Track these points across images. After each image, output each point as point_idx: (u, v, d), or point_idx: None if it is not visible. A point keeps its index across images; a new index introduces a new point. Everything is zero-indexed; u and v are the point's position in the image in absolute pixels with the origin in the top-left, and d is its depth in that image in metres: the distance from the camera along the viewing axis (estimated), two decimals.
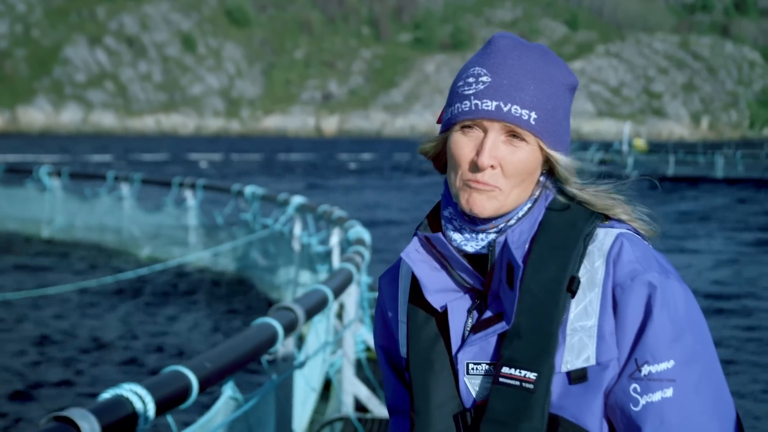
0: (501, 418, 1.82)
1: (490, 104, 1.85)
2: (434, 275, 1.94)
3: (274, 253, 15.63)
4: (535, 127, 1.86)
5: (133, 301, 15.99)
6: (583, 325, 1.83)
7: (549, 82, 1.89)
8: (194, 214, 19.09)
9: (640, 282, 1.82)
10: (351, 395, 7.27)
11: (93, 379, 11.07)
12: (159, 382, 3.17)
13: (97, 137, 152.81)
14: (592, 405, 1.82)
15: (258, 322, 4.35)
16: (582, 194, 1.93)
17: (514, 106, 1.85)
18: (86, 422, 2.59)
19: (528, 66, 1.89)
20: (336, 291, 5.74)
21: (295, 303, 4.79)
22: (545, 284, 1.84)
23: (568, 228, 1.89)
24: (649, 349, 1.80)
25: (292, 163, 74.29)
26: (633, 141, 72.92)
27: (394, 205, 37.38)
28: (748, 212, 34.38)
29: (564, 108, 1.92)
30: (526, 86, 1.86)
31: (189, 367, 3.40)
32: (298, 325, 4.67)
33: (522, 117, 1.85)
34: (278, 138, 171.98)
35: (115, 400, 2.86)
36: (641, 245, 1.88)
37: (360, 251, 7.49)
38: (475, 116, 1.87)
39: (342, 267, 6.62)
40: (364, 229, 9.29)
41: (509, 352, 1.84)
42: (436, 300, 1.93)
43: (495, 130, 1.86)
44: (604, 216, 1.92)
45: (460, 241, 1.93)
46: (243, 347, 3.97)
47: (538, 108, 1.87)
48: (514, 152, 1.86)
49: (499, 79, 1.87)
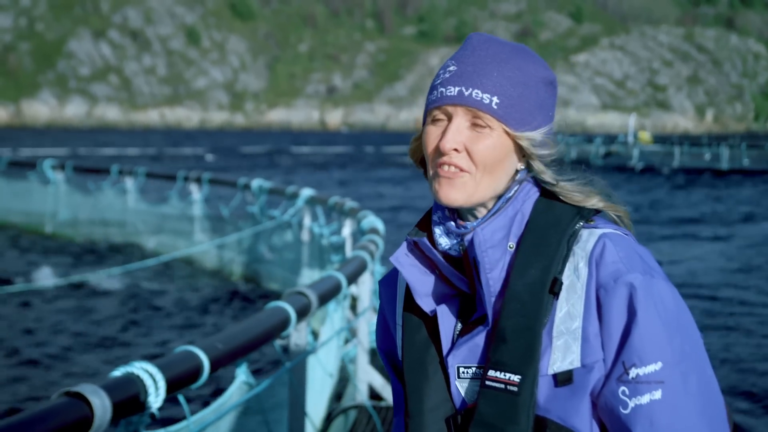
0: (489, 421, 1.82)
1: (453, 90, 1.87)
2: (424, 279, 1.95)
3: (281, 247, 15.52)
4: (497, 111, 1.85)
5: (134, 294, 15.93)
6: (568, 327, 1.82)
7: (516, 71, 1.89)
8: (199, 208, 18.99)
9: (622, 283, 1.79)
10: (365, 383, 7.28)
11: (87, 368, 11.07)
12: (171, 361, 3.17)
13: (101, 131, 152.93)
14: (579, 407, 1.81)
15: (271, 306, 4.34)
16: (556, 185, 1.91)
17: (476, 89, 1.86)
18: (97, 398, 2.58)
19: (495, 56, 1.89)
20: (350, 278, 5.71)
21: (309, 288, 4.77)
22: (529, 286, 1.83)
23: (551, 228, 1.87)
24: (636, 351, 1.77)
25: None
26: (638, 133, 72.82)
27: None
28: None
29: (536, 99, 1.90)
30: (489, 72, 1.87)
31: (201, 348, 3.39)
32: (311, 309, 4.64)
33: (483, 101, 1.85)
34: (283, 132, 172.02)
35: (126, 377, 2.85)
36: (625, 245, 1.85)
37: (374, 240, 7.46)
38: (439, 103, 1.88)
39: (356, 254, 6.57)
40: (377, 218, 9.23)
41: (495, 355, 1.83)
42: (426, 304, 1.94)
43: (459, 116, 1.86)
44: (590, 215, 1.90)
45: (445, 244, 1.94)
46: (255, 330, 3.97)
47: (501, 93, 1.86)
48: (479, 138, 1.86)
49: (464, 66, 1.89)
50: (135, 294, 15.72)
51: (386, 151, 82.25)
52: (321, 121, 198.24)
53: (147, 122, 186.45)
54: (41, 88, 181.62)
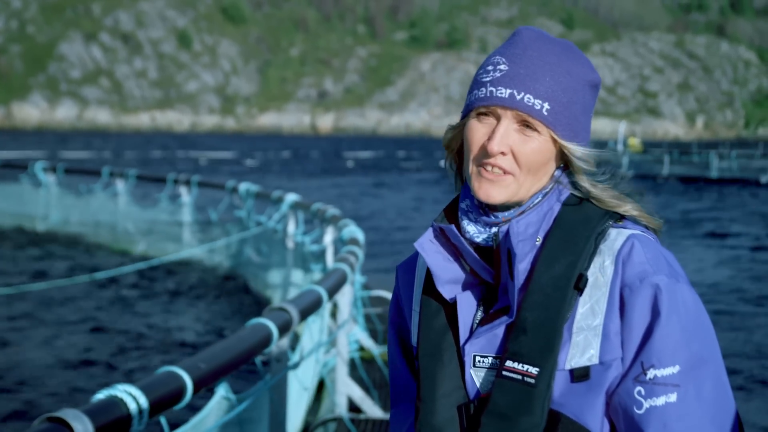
0: (502, 411, 1.82)
1: (504, 92, 1.87)
2: (446, 266, 1.96)
3: (268, 251, 15.60)
4: (547, 117, 1.87)
5: (123, 297, 15.96)
6: (589, 323, 1.83)
7: (567, 76, 1.90)
8: (189, 211, 19.04)
9: (648, 284, 1.81)
10: (344, 395, 7.23)
11: (84, 377, 11.05)
12: (153, 382, 3.16)
13: (92, 134, 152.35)
14: (594, 404, 1.82)
15: (252, 323, 4.33)
16: (593, 190, 1.93)
17: (528, 95, 1.87)
18: (80, 423, 2.58)
19: (547, 58, 1.90)
20: (330, 291, 5.72)
21: (290, 303, 4.78)
22: (554, 280, 1.85)
23: (581, 225, 1.89)
24: (656, 353, 1.79)
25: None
26: (628, 140, 72.96)
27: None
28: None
29: (583, 103, 1.93)
30: (541, 77, 1.88)
31: (183, 368, 3.39)
32: (293, 325, 4.66)
33: (534, 106, 1.86)
34: (274, 136, 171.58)
35: (109, 400, 2.85)
36: (652, 247, 1.87)
37: (354, 251, 7.47)
38: (489, 103, 1.88)
39: (336, 267, 6.61)
40: (357, 228, 9.26)
41: (514, 346, 1.84)
42: (447, 291, 1.95)
43: (508, 118, 1.87)
44: (618, 216, 1.92)
45: (473, 233, 1.94)
46: (237, 348, 3.95)
47: (552, 99, 1.88)
48: (525, 141, 1.87)
49: (516, 68, 1.89)
50: (121, 298, 15.75)
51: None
52: (312, 126, 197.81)
53: (138, 125, 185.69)
54: (32, 91, 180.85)
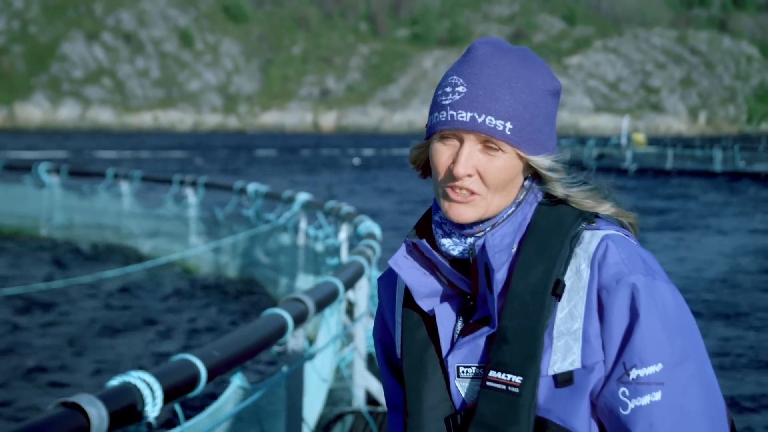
0: (489, 421, 1.83)
1: (465, 115, 1.85)
2: (423, 280, 1.95)
3: (277, 251, 15.49)
4: (510, 137, 1.85)
5: (132, 297, 15.89)
6: (569, 328, 1.83)
7: (527, 90, 1.88)
8: (195, 212, 18.93)
9: (624, 284, 1.81)
10: (362, 388, 7.26)
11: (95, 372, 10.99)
12: (167, 370, 3.16)
13: (95, 133, 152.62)
14: (579, 408, 1.82)
15: (268, 313, 4.33)
16: (570, 193, 1.92)
17: (489, 116, 1.84)
18: (94, 408, 2.57)
19: (505, 75, 1.88)
20: (347, 283, 5.70)
21: (306, 294, 4.74)
22: (531, 288, 1.84)
23: (554, 230, 1.88)
24: (637, 353, 1.78)
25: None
26: (632, 135, 72.88)
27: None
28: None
29: (545, 114, 1.91)
30: (501, 96, 1.86)
31: (197, 356, 3.39)
32: (309, 316, 4.63)
33: (497, 128, 1.84)
34: (277, 134, 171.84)
35: (123, 387, 2.84)
36: (627, 247, 1.86)
37: (371, 245, 7.46)
38: (450, 126, 1.87)
39: (353, 260, 6.55)
40: (374, 223, 9.23)
41: (497, 355, 1.84)
42: (426, 304, 1.95)
43: (471, 140, 1.86)
44: (592, 216, 1.91)
45: (449, 245, 1.94)
46: (252, 337, 3.96)
47: (514, 118, 1.86)
48: (491, 160, 1.86)
49: (475, 89, 1.87)
50: (129, 298, 15.68)
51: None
52: (314, 124, 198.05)
53: (140, 125, 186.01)
54: (34, 91, 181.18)
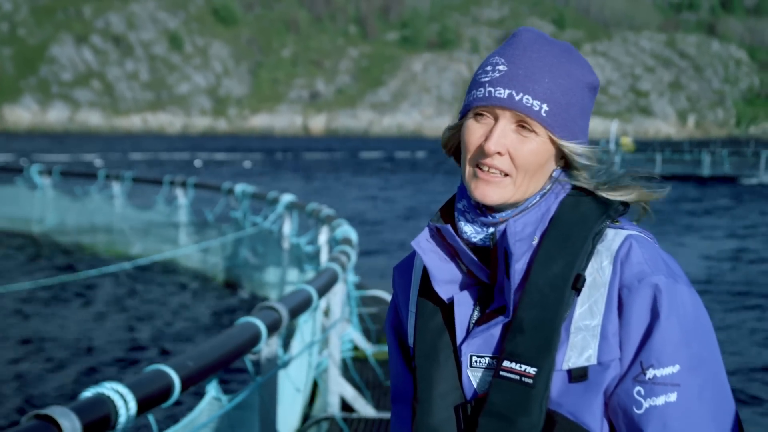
0: (500, 411, 1.82)
1: (503, 92, 1.86)
2: (443, 266, 1.95)
3: (263, 252, 15.59)
4: (545, 118, 1.86)
5: (117, 298, 15.93)
6: (587, 324, 1.82)
7: (566, 77, 1.89)
8: (185, 213, 19.00)
9: (647, 284, 1.81)
10: (337, 395, 7.23)
11: (74, 378, 11.02)
12: (141, 380, 3.16)
13: (84, 136, 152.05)
14: (592, 404, 1.82)
15: (241, 322, 4.32)
16: (598, 184, 1.94)
17: (526, 96, 1.85)
18: (67, 420, 2.58)
19: (546, 59, 1.89)
20: (320, 290, 5.70)
21: (279, 303, 4.77)
22: (551, 280, 1.84)
23: (577, 225, 1.88)
24: (655, 353, 1.79)
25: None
26: (620, 139, 72.96)
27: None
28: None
29: (581, 105, 1.92)
30: (540, 78, 1.87)
31: (171, 366, 3.38)
32: (282, 324, 4.65)
33: (533, 107, 1.85)
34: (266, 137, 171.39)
35: (96, 398, 2.84)
36: (650, 248, 1.87)
37: (346, 251, 7.46)
38: (487, 103, 1.87)
39: (327, 266, 6.60)
40: (351, 228, 9.28)
41: (511, 346, 1.83)
42: (444, 291, 1.94)
43: (506, 119, 1.86)
44: (615, 215, 1.91)
45: (470, 233, 1.94)
46: (226, 346, 3.94)
47: (551, 101, 1.86)
48: (523, 142, 1.87)
49: (515, 68, 1.88)
50: (118, 298, 15.72)
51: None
52: (304, 127, 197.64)
53: (129, 128, 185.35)
54: (23, 94, 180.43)
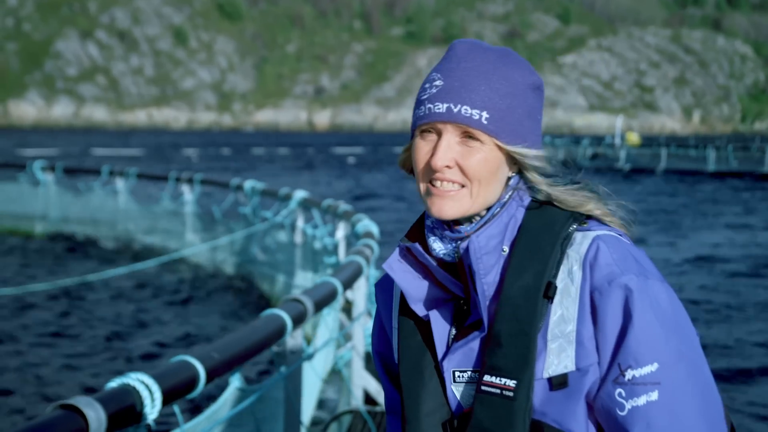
0: (485, 426, 1.81)
1: (441, 106, 1.85)
2: (417, 284, 1.95)
3: (274, 248, 15.44)
4: (487, 126, 1.84)
5: (129, 296, 15.85)
6: (563, 330, 1.81)
7: (504, 82, 1.87)
8: (191, 209, 18.87)
9: (617, 285, 1.78)
10: (360, 388, 7.25)
11: (93, 373, 10.94)
12: (166, 371, 3.13)
13: (89, 131, 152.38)
14: (575, 410, 1.80)
15: (267, 314, 4.30)
16: (554, 192, 1.91)
17: (464, 106, 1.84)
18: (92, 410, 2.55)
19: (481, 68, 1.88)
20: (345, 283, 5.68)
21: (305, 295, 4.72)
22: (523, 291, 1.82)
23: (545, 231, 1.87)
24: (632, 353, 1.77)
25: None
26: (625, 135, 72.96)
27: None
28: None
29: (525, 107, 1.89)
30: (476, 87, 1.85)
31: (196, 357, 3.35)
32: (308, 316, 4.61)
33: (473, 117, 1.84)
34: (271, 132, 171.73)
35: (121, 389, 2.82)
36: (619, 247, 1.84)
37: (369, 244, 7.44)
38: (428, 120, 1.87)
39: (351, 259, 6.53)
40: (372, 222, 9.18)
41: (491, 359, 1.82)
42: (420, 309, 1.94)
43: (449, 132, 1.85)
44: (583, 217, 1.90)
45: (438, 249, 1.93)
46: (251, 338, 3.92)
47: (490, 107, 1.85)
48: (470, 152, 1.85)
49: (451, 81, 1.87)
50: (128, 297, 15.64)
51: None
52: (309, 122, 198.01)
53: (134, 123, 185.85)
54: (28, 89, 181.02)
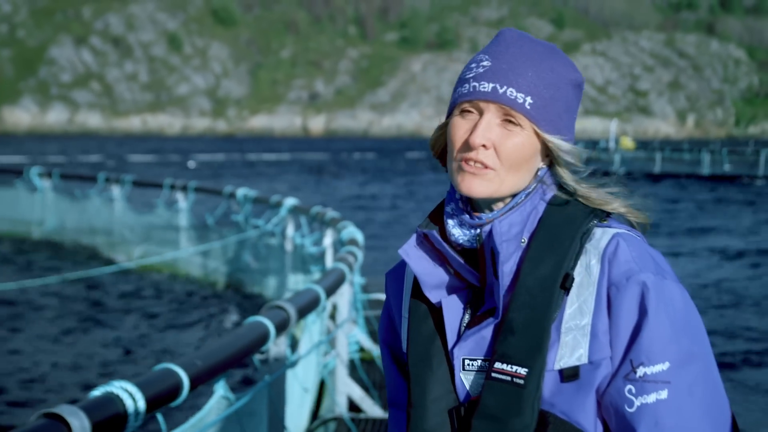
0: (492, 413, 1.82)
1: (487, 86, 1.87)
2: (432, 271, 1.95)
3: (266, 255, 15.52)
4: (529, 111, 1.86)
5: (121, 302, 15.90)
6: (577, 323, 1.83)
7: (550, 72, 1.90)
8: (185, 216, 18.92)
9: (635, 282, 1.81)
10: (344, 395, 7.25)
11: (78, 380, 10.99)
12: (150, 379, 3.14)
13: (84, 137, 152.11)
14: (584, 403, 1.82)
15: (250, 321, 4.32)
16: (579, 187, 1.93)
17: (510, 88, 1.86)
18: (76, 419, 2.56)
19: (529, 55, 1.90)
20: (328, 290, 5.69)
21: (287, 302, 4.75)
22: (540, 281, 1.84)
23: (565, 225, 1.88)
24: (644, 350, 1.79)
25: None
26: (620, 139, 73.07)
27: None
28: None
29: (566, 101, 1.92)
30: (524, 72, 1.88)
31: (180, 365, 3.37)
32: (290, 324, 4.64)
33: (517, 100, 1.86)
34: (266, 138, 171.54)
35: (105, 397, 2.83)
36: (638, 245, 1.87)
37: (353, 251, 7.46)
38: (472, 97, 1.88)
39: (334, 267, 6.58)
40: (357, 229, 9.24)
41: (502, 347, 1.83)
42: (434, 296, 1.95)
43: (491, 112, 1.87)
44: (603, 215, 1.92)
45: (458, 235, 1.94)
46: (234, 345, 3.94)
47: (535, 93, 1.87)
48: (508, 136, 1.86)
49: (499, 63, 1.89)
50: (113, 304, 15.69)
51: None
52: (303, 128, 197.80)
53: (129, 129, 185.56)
54: (22, 95, 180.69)
